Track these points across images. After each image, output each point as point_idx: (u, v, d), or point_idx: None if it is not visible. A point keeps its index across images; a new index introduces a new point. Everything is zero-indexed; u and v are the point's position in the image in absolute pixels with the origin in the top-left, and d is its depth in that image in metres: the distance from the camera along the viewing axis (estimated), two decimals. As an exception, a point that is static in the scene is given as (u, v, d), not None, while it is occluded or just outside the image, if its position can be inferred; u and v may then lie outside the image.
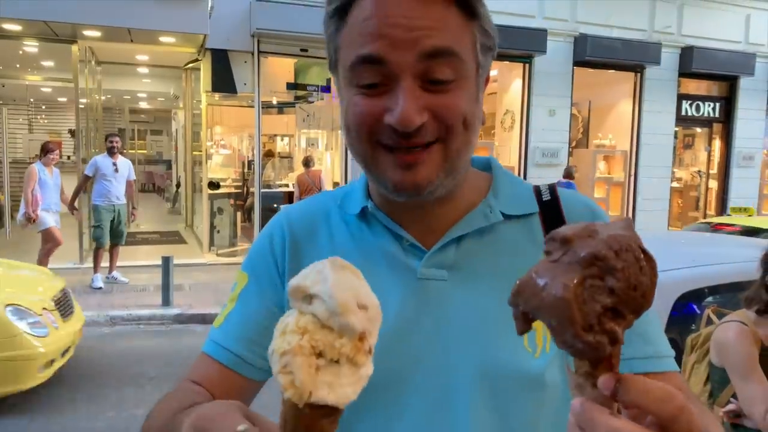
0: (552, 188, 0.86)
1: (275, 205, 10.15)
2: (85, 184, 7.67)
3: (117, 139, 7.71)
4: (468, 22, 0.73)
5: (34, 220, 6.94)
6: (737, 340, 2.00)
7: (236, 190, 10.92)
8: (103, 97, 12.08)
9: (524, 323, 0.47)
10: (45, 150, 7.33)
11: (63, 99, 15.55)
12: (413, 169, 0.72)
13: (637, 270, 0.43)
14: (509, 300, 0.48)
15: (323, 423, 0.43)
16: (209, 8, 7.84)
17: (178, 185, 15.13)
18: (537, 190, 0.86)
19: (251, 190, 10.12)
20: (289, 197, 10.11)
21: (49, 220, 7.11)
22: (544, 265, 0.45)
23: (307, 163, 9.08)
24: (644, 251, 0.44)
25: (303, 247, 0.85)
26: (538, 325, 0.71)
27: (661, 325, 0.80)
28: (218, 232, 9.92)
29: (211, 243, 9.79)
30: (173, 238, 11.22)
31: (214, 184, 9.97)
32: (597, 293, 0.42)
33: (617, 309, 0.42)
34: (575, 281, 0.42)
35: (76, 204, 7.63)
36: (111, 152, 7.53)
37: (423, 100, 0.70)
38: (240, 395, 0.81)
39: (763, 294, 2.04)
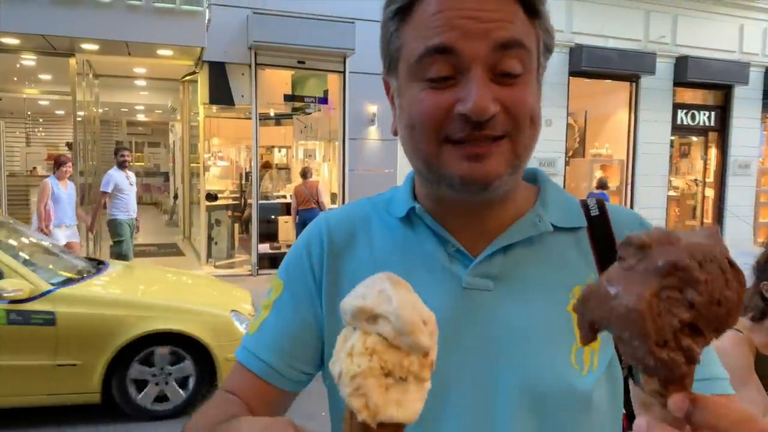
0: (600, 203, 0.84)
1: (272, 217, 10.16)
2: (104, 201, 7.63)
3: (127, 152, 7.74)
4: (532, 20, 0.72)
5: (46, 234, 6.92)
6: (733, 347, 1.99)
7: (234, 202, 10.92)
8: (100, 110, 12.10)
9: (590, 333, 0.43)
10: (58, 163, 7.29)
11: (60, 112, 15.57)
12: (482, 161, 0.70)
13: (723, 283, 0.39)
14: (575, 306, 0.44)
15: None
16: (206, 21, 7.88)
17: (175, 197, 15.13)
18: (584, 205, 0.84)
19: (249, 201, 10.12)
20: (286, 208, 10.11)
21: (61, 237, 7.09)
22: (617, 271, 0.41)
23: (305, 174, 9.09)
24: (731, 263, 0.40)
25: (342, 257, 0.83)
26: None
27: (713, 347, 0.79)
28: (216, 243, 9.91)
29: (209, 255, 9.77)
30: (171, 250, 11.21)
31: (211, 196, 9.97)
32: (675, 306, 0.38)
33: (696, 325, 0.38)
34: (651, 291, 0.38)
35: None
36: (123, 166, 7.57)
37: (494, 92, 0.69)
38: (274, 405, 0.80)
39: (758, 301, 2.04)
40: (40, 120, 16.60)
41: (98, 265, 5.08)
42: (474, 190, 0.71)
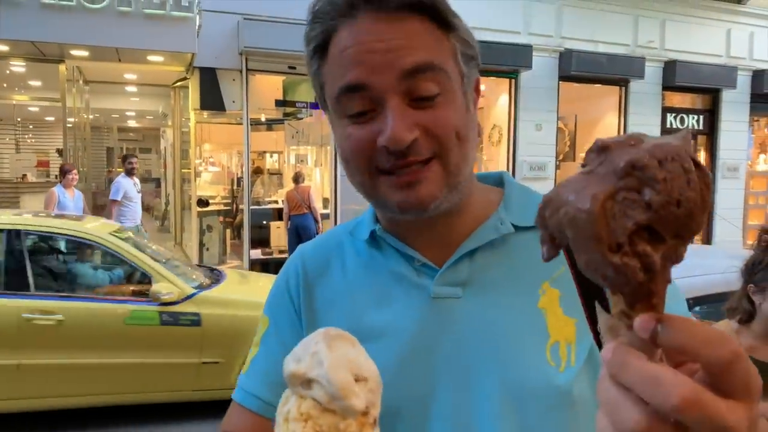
0: None
1: (264, 222, 10.14)
2: (113, 209, 7.55)
3: (135, 159, 7.72)
4: (445, 35, 0.73)
5: None
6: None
7: (225, 208, 10.89)
8: (91, 116, 12.06)
9: (551, 248, 0.40)
10: (63, 171, 7.26)
11: (50, 118, 15.51)
12: (415, 187, 0.71)
13: (684, 183, 0.35)
14: (535, 220, 0.41)
15: None
16: (197, 27, 7.88)
17: (167, 203, 15.08)
18: None
19: (240, 207, 10.11)
20: (278, 214, 10.10)
21: None
22: (575, 177, 0.38)
23: (297, 179, 9.09)
24: (696, 162, 0.36)
25: (316, 284, 0.85)
26: (560, 337, 0.72)
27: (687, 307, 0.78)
28: (207, 249, 9.88)
29: (201, 261, 9.74)
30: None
31: (203, 202, 9.95)
32: (631, 208, 0.35)
33: (654, 228, 0.35)
34: (606, 192, 0.35)
35: None
36: (131, 173, 7.56)
37: (412, 118, 0.69)
38: None
39: (745, 303, 2.05)
40: (30, 126, 16.53)
41: (214, 273, 5.34)
42: (414, 214, 0.73)
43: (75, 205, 7.13)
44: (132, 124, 17.75)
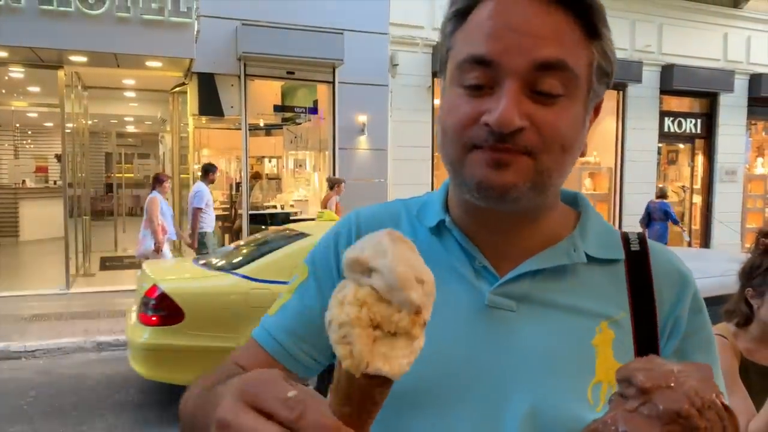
0: (642, 239, 0.81)
1: (263, 227, 10.13)
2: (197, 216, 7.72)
3: (217, 169, 8.07)
4: (588, 41, 0.70)
5: (160, 250, 7.03)
6: (718, 354, 2.01)
7: (224, 212, 10.89)
8: (89, 122, 12.06)
9: None
10: (159, 180, 7.44)
11: (49, 124, 15.50)
12: (500, 169, 0.68)
13: (720, 429, 0.41)
14: None
15: (375, 392, 0.43)
16: (195, 32, 7.90)
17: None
18: (625, 237, 0.81)
19: (239, 212, 10.10)
20: (275, 218, 10.09)
21: (168, 252, 7.29)
22: (621, 413, 0.43)
23: (332, 185, 9.15)
24: (726, 407, 0.42)
25: None
26: (605, 378, 0.71)
27: None
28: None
29: (199, 266, 9.72)
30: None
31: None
32: None
33: None
34: None
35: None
36: (212, 182, 7.83)
37: (526, 107, 0.67)
38: None
39: (743, 307, 2.05)
40: (29, 132, 16.52)
41: None
42: (490, 197, 0.70)
43: (168, 212, 7.41)
44: (130, 129, 17.75)
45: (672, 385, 0.42)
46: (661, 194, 9.98)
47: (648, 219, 9.91)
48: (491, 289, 0.75)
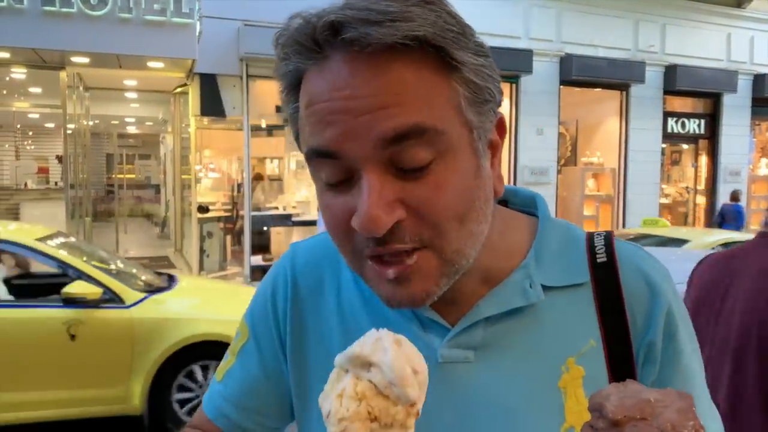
0: (608, 244, 0.70)
1: (265, 228, 10.12)
2: None
3: None
4: (446, 78, 0.56)
5: None
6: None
7: (226, 214, 10.87)
8: (91, 123, 12.05)
9: None
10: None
11: (50, 125, 15.50)
12: (403, 283, 0.59)
13: None
14: None
15: None
16: (197, 33, 7.87)
17: (167, 209, 15.06)
18: (591, 247, 0.71)
19: (241, 213, 10.09)
20: (279, 219, 10.06)
21: None
22: None
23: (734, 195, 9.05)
24: None
25: (307, 311, 0.75)
26: (577, 422, 0.64)
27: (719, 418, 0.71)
28: (208, 256, 9.86)
29: (201, 267, 9.71)
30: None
31: (203, 208, 9.92)
32: None
33: None
34: None
35: None
36: None
37: (395, 193, 0.55)
38: None
39: None
40: (30, 133, 16.52)
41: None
42: (406, 309, 0.63)
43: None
44: (132, 130, 17.75)
45: (645, 416, 0.40)
46: (735, 197, 10.04)
47: (721, 221, 9.96)
48: (443, 343, 0.67)
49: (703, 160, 13.35)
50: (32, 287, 4.99)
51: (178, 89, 10.30)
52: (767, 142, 14.73)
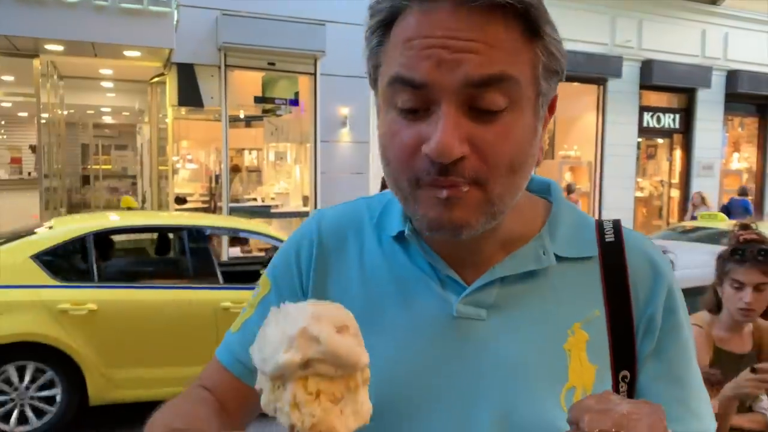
0: (616, 227, 0.77)
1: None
2: None
3: None
4: (530, 42, 0.64)
5: None
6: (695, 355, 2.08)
7: (204, 205, 10.79)
8: (65, 112, 11.85)
9: None
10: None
11: (23, 114, 15.19)
12: (450, 206, 0.64)
13: None
14: None
15: None
16: (175, 22, 7.78)
17: (143, 200, 14.89)
18: (600, 228, 0.77)
19: (219, 204, 10.01)
20: (256, 212, 10.01)
21: None
22: None
23: (569, 190, 9.18)
24: None
25: (330, 268, 0.78)
26: (579, 383, 0.69)
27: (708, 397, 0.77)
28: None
29: (179, 259, 9.63)
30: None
31: (181, 199, 9.84)
32: None
33: None
34: None
35: None
36: None
37: (466, 129, 0.61)
38: (251, 407, 0.79)
39: (714, 295, 2.15)
40: (2, 122, 16.19)
41: None
42: (444, 235, 0.67)
43: None
44: (108, 120, 17.48)
45: (620, 431, 0.42)
46: (742, 192, 10.28)
47: (728, 215, 10.21)
48: (459, 299, 0.72)
49: (678, 154, 13.57)
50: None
51: (155, 79, 10.16)
52: (739, 137, 15.01)
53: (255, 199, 10.82)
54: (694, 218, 10.66)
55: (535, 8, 0.63)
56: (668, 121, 13.08)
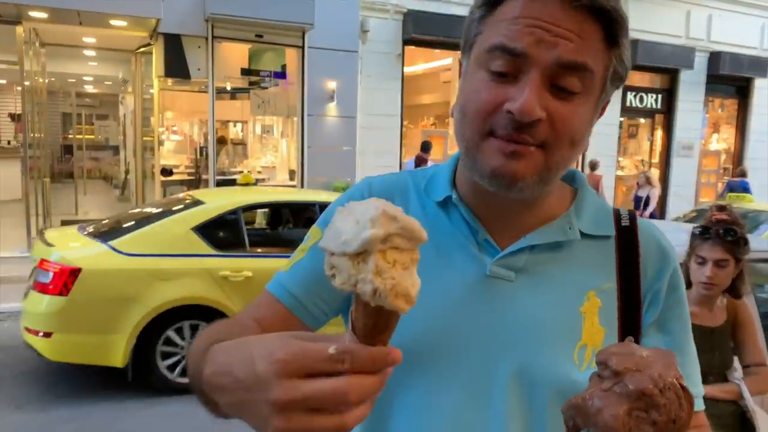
0: (632, 216, 0.89)
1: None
2: None
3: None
4: (608, 47, 0.75)
5: None
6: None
7: (189, 177, 10.74)
8: (47, 80, 11.65)
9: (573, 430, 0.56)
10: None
11: (2, 81, 14.90)
12: (515, 159, 0.74)
13: (678, 406, 0.50)
14: (562, 408, 0.56)
15: (392, 320, 0.52)
16: (162, -9, 7.68)
17: (127, 172, 14.75)
18: (617, 214, 0.89)
19: (204, 177, 9.99)
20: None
21: None
22: (598, 391, 0.53)
23: (593, 167, 9.22)
24: (684, 388, 0.52)
25: None
26: (590, 342, 0.80)
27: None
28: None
29: (165, 231, 9.61)
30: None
31: (167, 171, 9.80)
32: (642, 423, 0.50)
33: None
34: (624, 411, 0.50)
35: None
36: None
37: (545, 100, 0.72)
38: None
39: (684, 271, 2.27)
40: (-20, 89, 15.85)
41: None
42: (500, 185, 0.76)
43: None
44: (89, 89, 17.19)
45: (640, 369, 0.52)
46: (742, 173, 10.64)
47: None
48: (493, 261, 0.82)
49: (659, 134, 13.76)
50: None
51: (141, 49, 10.03)
52: (719, 118, 15.23)
53: (241, 173, 10.80)
54: (638, 198, 10.94)
55: (620, 22, 0.75)
56: (651, 101, 13.24)
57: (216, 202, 4.96)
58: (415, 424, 0.81)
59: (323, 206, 5.37)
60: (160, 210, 5.04)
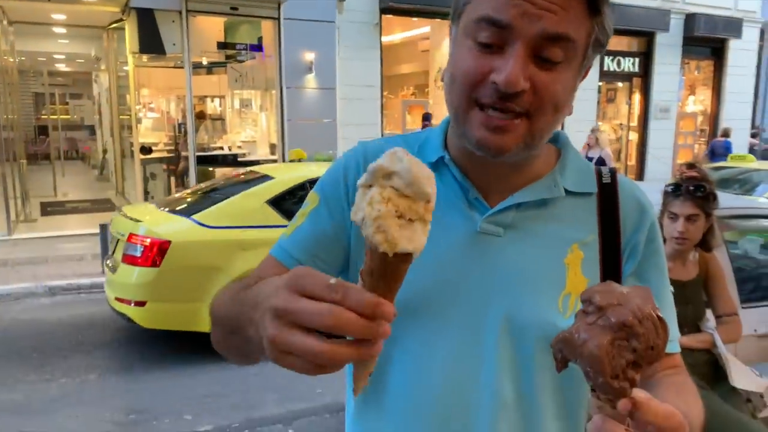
0: (612, 173, 0.95)
1: (210, 169, 9.98)
2: None
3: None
4: (590, 16, 0.78)
5: None
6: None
7: (169, 155, 10.65)
8: (17, 60, 11.40)
9: (562, 365, 0.60)
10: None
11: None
12: (499, 133, 0.78)
13: (655, 335, 0.56)
14: (551, 343, 0.60)
15: (402, 267, 0.55)
16: (132, -35, 7.52)
17: (104, 151, 14.56)
18: (598, 172, 0.95)
19: (184, 154, 9.91)
20: (225, 160, 9.92)
21: None
22: (583, 325, 0.58)
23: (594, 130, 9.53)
24: (660, 318, 0.57)
25: None
26: (574, 290, 0.86)
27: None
28: (152, 197, 9.71)
29: (146, 209, 9.57)
30: (105, 205, 10.90)
31: (146, 149, 9.70)
32: (623, 351, 0.55)
33: (637, 362, 0.56)
34: (607, 341, 0.55)
35: None
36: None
37: (529, 71, 0.76)
38: None
39: (660, 227, 2.36)
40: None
41: None
42: (486, 154, 0.81)
43: None
44: (61, 68, 16.83)
45: (621, 303, 0.56)
46: (725, 133, 11.12)
47: (712, 155, 10.82)
48: (483, 218, 0.87)
49: (637, 97, 13.87)
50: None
51: (113, 25, 9.85)
52: (695, 80, 15.37)
53: (221, 148, 10.73)
54: (589, 159, 11.11)
55: None
56: (628, 64, 13.31)
57: (285, 176, 5.22)
58: (412, 373, 0.87)
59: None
60: (232, 185, 5.40)
